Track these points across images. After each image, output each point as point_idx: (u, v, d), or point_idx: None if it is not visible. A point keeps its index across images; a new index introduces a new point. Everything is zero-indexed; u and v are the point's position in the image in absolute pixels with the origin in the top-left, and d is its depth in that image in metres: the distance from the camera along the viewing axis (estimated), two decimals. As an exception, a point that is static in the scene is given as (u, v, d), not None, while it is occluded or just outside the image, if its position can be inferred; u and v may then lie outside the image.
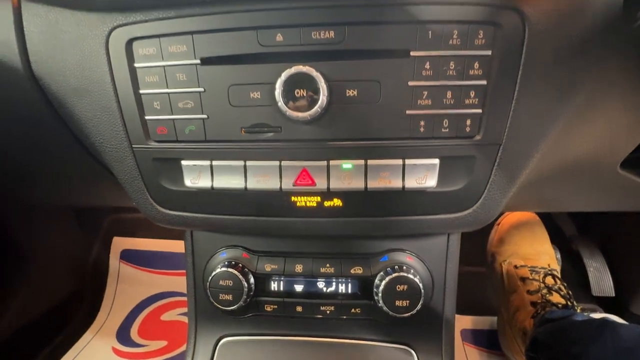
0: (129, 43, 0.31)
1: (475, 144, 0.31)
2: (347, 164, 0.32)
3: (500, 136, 0.31)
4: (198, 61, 0.31)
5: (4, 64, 0.37)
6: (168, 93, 0.32)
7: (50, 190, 0.72)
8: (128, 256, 1.23)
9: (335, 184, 0.32)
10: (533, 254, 0.88)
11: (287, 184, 0.33)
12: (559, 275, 0.83)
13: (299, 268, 0.40)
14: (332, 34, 0.29)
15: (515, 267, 0.86)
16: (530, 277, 0.82)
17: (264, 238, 0.42)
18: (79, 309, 1.11)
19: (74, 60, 0.34)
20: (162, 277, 1.19)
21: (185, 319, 1.11)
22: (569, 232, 1.09)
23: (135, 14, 0.30)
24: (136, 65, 0.32)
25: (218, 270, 0.40)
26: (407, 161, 0.31)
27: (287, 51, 0.29)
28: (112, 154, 0.37)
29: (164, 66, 0.31)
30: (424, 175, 0.32)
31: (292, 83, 0.29)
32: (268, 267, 0.41)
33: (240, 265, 0.40)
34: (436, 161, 0.31)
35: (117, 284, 1.21)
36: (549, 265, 0.86)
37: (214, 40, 0.30)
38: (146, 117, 0.33)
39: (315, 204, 0.33)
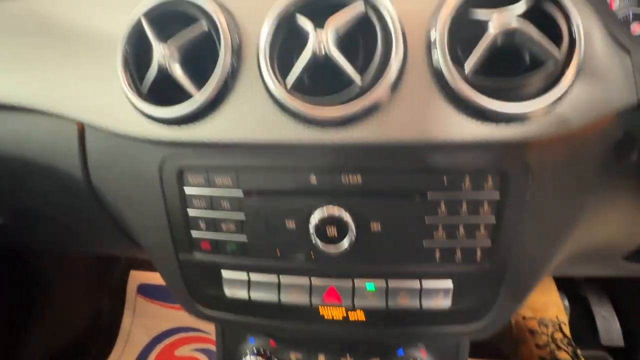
0: (180, 171, 0.36)
1: (485, 270, 0.35)
2: (370, 285, 0.35)
3: (508, 264, 0.34)
4: (241, 193, 0.35)
5: (66, 172, 0.41)
6: (213, 217, 0.36)
7: (79, 249, 0.77)
8: (145, 290, 1.27)
9: (359, 302, 0.36)
10: (541, 304, 0.90)
11: (316, 299, 0.36)
12: (568, 328, 0.85)
13: (321, 358, 0.44)
14: (359, 178, 0.33)
15: (524, 318, 0.88)
16: (539, 331, 0.84)
17: None
18: (95, 343, 1.14)
19: (130, 178, 0.38)
20: (177, 312, 1.22)
21: (199, 355, 1.14)
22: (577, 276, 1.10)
23: (186, 149, 0.35)
24: (186, 190, 0.36)
25: (248, 359, 0.43)
26: (424, 284, 0.35)
27: (320, 190, 0.33)
28: (158, 257, 0.42)
29: (210, 195, 0.36)
30: (439, 296, 0.35)
31: (325, 222, 0.33)
32: (293, 357, 0.44)
33: (268, 353, 0.44)
34: (450, 285, 0.35)
35: (134, 317, 1.24)
36: (557, 317, 0.88)
37: (256, 177, 0.34)
38: (192, 234, 0.37)
39: (340, 317, 0.37)
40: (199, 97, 0.31)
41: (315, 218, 0.33)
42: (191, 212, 0.37)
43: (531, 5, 0.28)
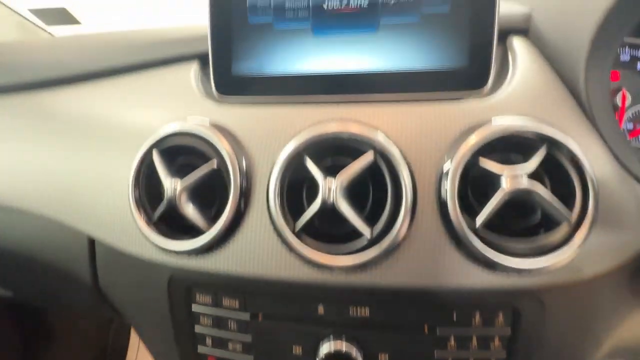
0: (188, 289, 0.36)
1: None
2: None
3: None
4: (248, 316, 0.35)
5: (74, 273, 0.42)
6: (220, 336, 0.36)
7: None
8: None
9: None
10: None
11: None
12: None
13: None
14: (367, 311, 0.32)
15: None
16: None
17: None
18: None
19: (138, 289, 0.38)
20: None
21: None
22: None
23: (194, 270, 0.35)
24: (193, 307, 0.36)
25: None
26: None
27: (328, 320, 0.33)
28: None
29: (217, 315, 0.35)
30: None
31: (331, 357, 0.32)
32: None
33: None
34: None
35: (137, 355, 1.24)
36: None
37: (263, 302, 0.34)
38: (198, 349, 0.37)
39: None
40: (208, 234, 0.31)
41: (322, 352, 0.32)
42: (198, 329, 0.36)
43: (543, 159, 0.28)
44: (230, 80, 0.36)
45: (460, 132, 0.30)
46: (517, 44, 0.35)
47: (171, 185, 0.31)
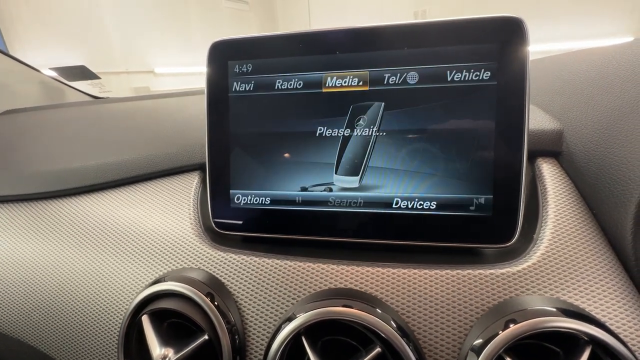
0: None
1: None
2: None
3: None
4: None
5: None
6: None
7: None
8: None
9: None
10: None
11: None
12: None
13: None
14: None
15: None
16: None
17: None
18: None
19: None
20: None
21: None
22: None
23: None
24: None
25: None
26: None
27: None
28: None
29: None
30: None
31: None
32: None
33: None
34: None
35: None
36: None
37: None
38: None
39: None
40: None
41: None
42: None
43: None
44: (229, 214, 0.33)
45: (485, 316, 0.25)
46: (548, 174, 0.31)
47: (161, 355, 0.27)
